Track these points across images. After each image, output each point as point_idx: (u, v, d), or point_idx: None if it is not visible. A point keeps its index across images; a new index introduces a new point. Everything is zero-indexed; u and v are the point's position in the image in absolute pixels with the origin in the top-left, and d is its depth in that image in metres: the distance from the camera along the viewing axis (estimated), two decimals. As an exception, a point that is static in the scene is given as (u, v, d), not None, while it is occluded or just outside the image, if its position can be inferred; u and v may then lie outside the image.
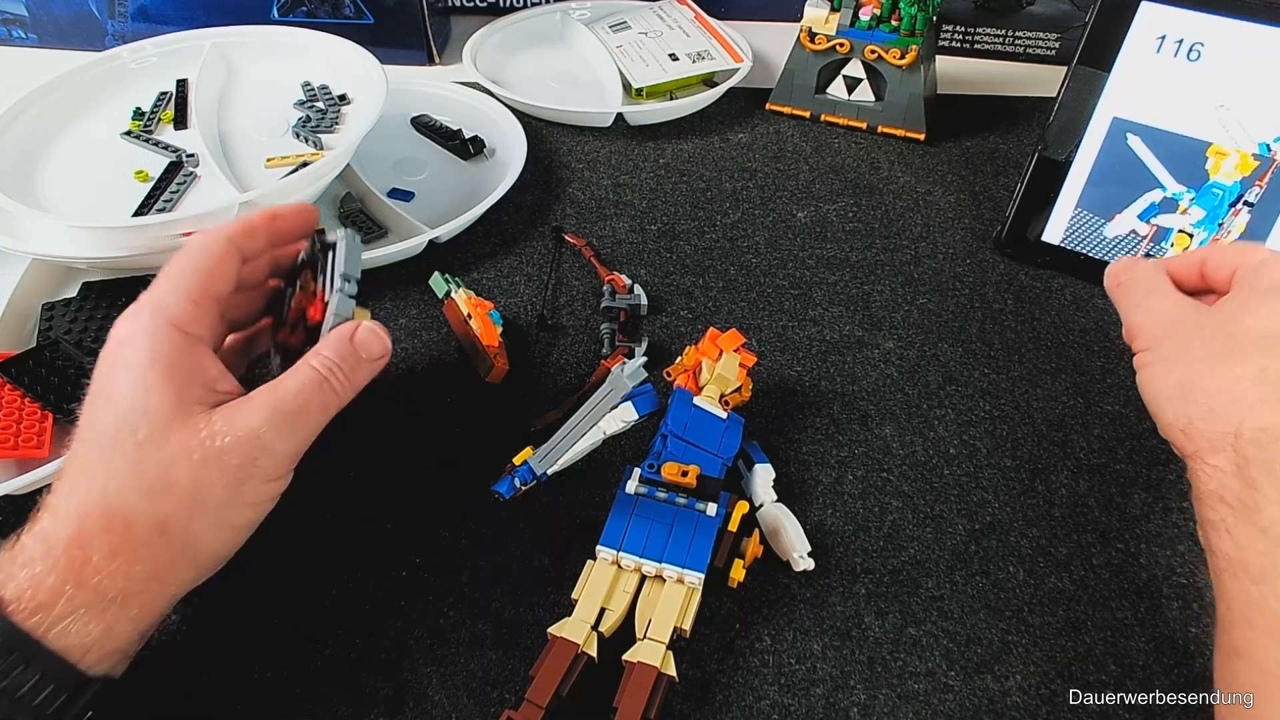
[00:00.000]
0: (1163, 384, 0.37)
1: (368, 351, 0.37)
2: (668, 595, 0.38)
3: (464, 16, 0.88)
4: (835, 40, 0.71)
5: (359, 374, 0.37)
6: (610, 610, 0.38)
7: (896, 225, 0.64)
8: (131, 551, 0.32)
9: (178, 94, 0.63)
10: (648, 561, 0.39)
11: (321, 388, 0.36)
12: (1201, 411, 0.35)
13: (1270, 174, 0.52)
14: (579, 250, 0.60)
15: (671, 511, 0.40)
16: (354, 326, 0.37)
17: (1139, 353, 0.39)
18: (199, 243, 0.38)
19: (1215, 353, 0.35)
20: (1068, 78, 0.57)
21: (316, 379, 0.36)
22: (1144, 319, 0.39)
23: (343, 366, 0.36)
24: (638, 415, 0.42)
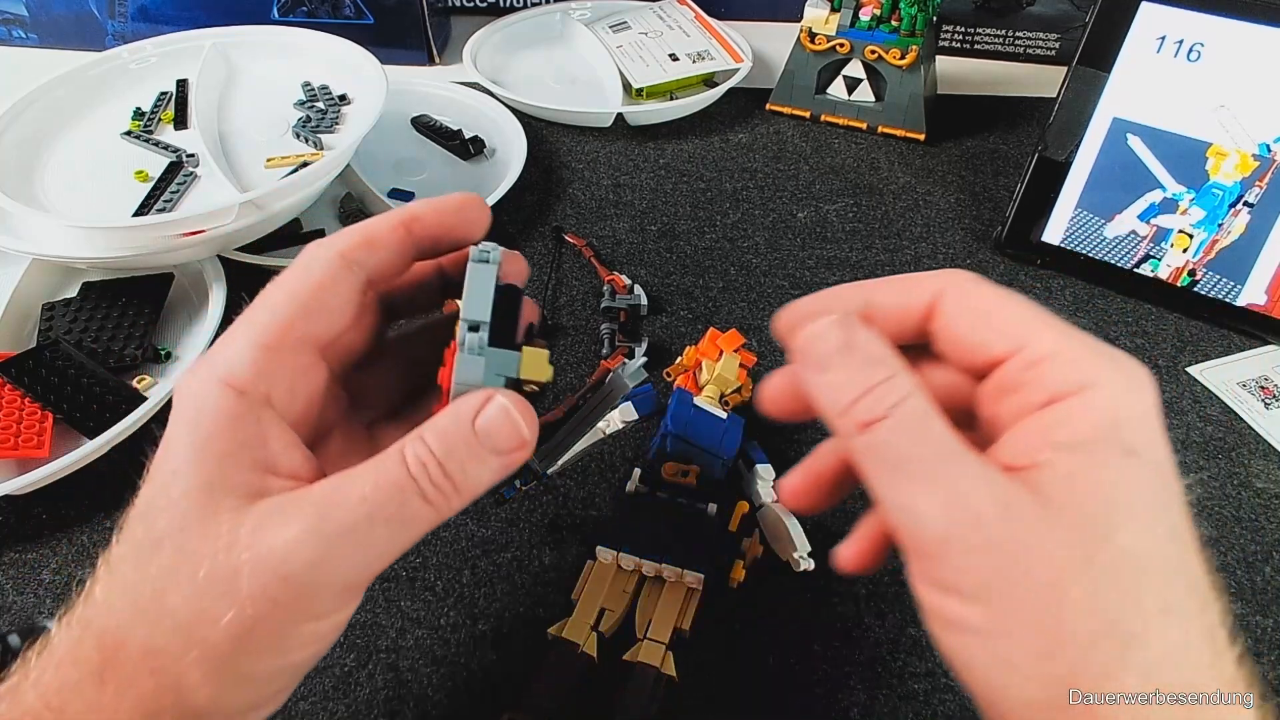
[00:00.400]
0: (1016, 650, 0.22)
1: (492, 442, 0.25)
2: (667, 595, 0.38)
3: (464, 16, 0.88)
4: (835, 40, 0.71)
5: (473, 474, 0.25)
6: (610, 610, 0.38)
7: (896, 225, 0.64)
8: (121, 681, 0.24)
9: (178, 94, 0.63)
10: (647, 561, 0.39)
11: (403, 494, 0.24)
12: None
13: (1270, 174, 0.52)
14: (579, 250, 0.60)
15: (672, 511, 0.40)
16: (479, 403, 0.25)
17: (944, 592, 0.23)
18: (299, 262, 0.27)
19: (1102, 614, 0.21)
20: (1068, 78, 0.57)
21: (397, 481, 0.24)
22: (951, 527, 0.22)
23: (447, 464, 0.25)
24: (637, 415, 0.42)
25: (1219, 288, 0.55)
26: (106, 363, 0.49)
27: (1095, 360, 0.23)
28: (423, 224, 0.29)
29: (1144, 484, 0.22)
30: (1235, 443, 0.49)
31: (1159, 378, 0.52)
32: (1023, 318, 0.25)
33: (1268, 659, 0.39)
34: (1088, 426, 0.22)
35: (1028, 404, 0.23)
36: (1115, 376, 0.23)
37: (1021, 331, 0.24)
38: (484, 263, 0.28)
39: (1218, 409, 0.51)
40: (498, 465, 0.25)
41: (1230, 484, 0.47)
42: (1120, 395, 0.23)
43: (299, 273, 0.27)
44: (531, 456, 0.27)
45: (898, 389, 0.24)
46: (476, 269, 0.28)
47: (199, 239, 0.51)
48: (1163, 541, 0.22)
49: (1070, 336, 0.24)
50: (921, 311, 0.26)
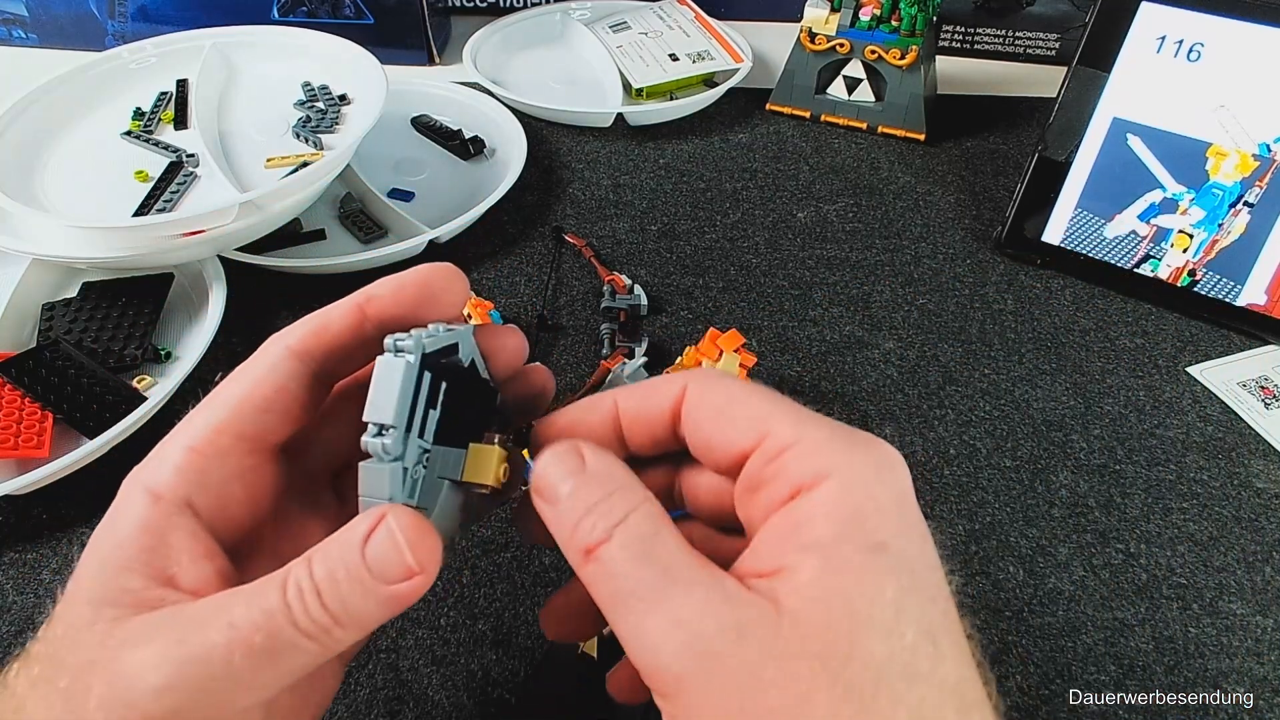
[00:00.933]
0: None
1: (379, 572, 0.22)
2: None
3: (464, 16, 0.88)
4: (835, 40, 0.71)
5: (355, 608, 0.22)
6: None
7: (896, 225, 0.64)
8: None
9: (178, 94, 0.63)
10: None
11: (273, 623, 0.21)
12: None
13: (1270, 174, 0.52)
14: (579, 250, 0.60)
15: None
16: (371, 523, 0.22)
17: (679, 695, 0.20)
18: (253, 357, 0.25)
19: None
20: (1068, 78, 0.57)
21: (267, 609, 0.21)
22: (681, 660, 0.20)
23: (325, 594, 0.21)
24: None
25: (1219, 288, 0.55)
26: (106, 363, 0.49)
27: (834, 446, 0.22)
28: (379, 304, 0.25)
29: (890, 583, 0.20)
30: (1235, 443, 0.49)
31: (1159, 378, 0.53)
32: (761, 409, 0.24)
33: (1268, 659, 0.39)
34: (829, 523, 0.21)
35: (773, 500, 0.22)
36: (857, 462, 0.22)
37: (761, 423, 0.23)
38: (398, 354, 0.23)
39: (1218, 409, 0.51)
40: (386, 597, 0.22)
41: (1230, 484, 0.47)
42: (863, 483, 0.22)
43: (247, 369, 0.25)
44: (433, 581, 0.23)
45: (618, 506, 0.22)
46: (386, 363, 0.23)
47: (199, 239, 0.51)
48: (914, 646, 0.20)
49: (809, 423, 0.23)
50: (668, 414, 0.25)
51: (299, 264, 0.56)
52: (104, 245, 0.51)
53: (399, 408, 0.23)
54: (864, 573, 0.21)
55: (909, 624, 0.20)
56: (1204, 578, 0.43)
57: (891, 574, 0.21)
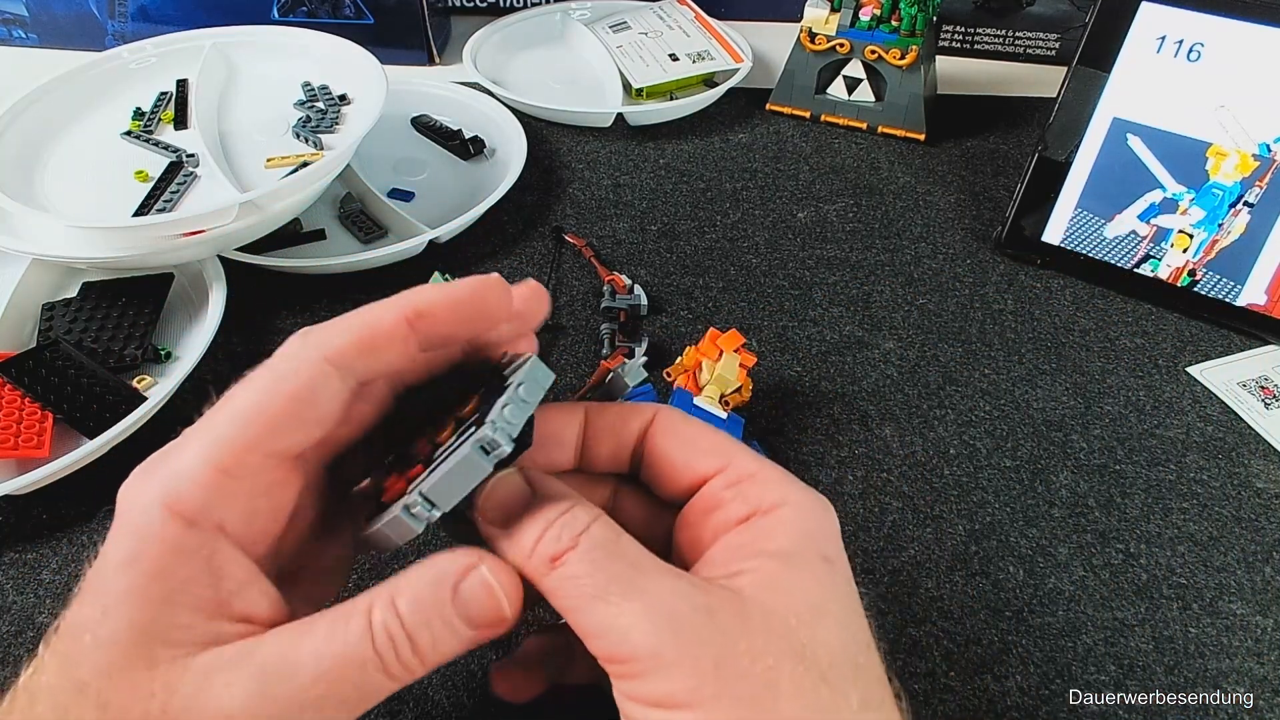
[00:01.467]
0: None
1: (469, 615, 0.22)
2: None
3: (464, 16, 0.88)
4: (835, 40, 0.71)
5: (443, 648, 0.22)
6: None
7: (896, 225, 0.64)
8: None
9: (178, 94, 0.63)
10: None
11: (364, 670, 0.21)
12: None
13: (1270, 174, 0.52)
14: (579, 250, 0.60)
15: None
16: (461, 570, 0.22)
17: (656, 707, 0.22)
18: (277, 360, 0.24)
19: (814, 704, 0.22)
20: (1068, 78, 0.57)
21: (359, 656, 0.21)
22: (655, 637, 0.22)
23: (417, 637, 0.22)
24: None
25: (1219, 288, 0.55)
26: (106, 363, 0.49)
27: (788, 482, 0.26)
28: (432, 321, 0.24)
29: (839, 589, 0.24)
30: (1235, 443, 0.49)
31: (1159, 378, 0.53)
32: (724, 443, 0.27)
33: (1268, 659, 0.39)
34: (790, 537, 0.25)
35: (729, 519, 0.25)
36: (806, 497, 0.26)
37: (724, 453, 0.27)
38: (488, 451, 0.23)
39: (1218, 409, 0.51)
40: (470, 639, 0.23)
41: (1230, 484, 0.47)
42: (812, 512, 0.26)
43: (274, 376, 0.23)
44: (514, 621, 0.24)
45: (579, 518, 0.24)
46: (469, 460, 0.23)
47: (199, 239, 0.51)
48: (858, 641, 0.24)
49: (765, 462, 0.27)
50: (635, 436, 0.28)
51: (299, 264, 0.56)
52: (104, 245, 0.51)
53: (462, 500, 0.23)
54: (820, 575, 0.24)
55: (853, 623, 0.24)
56: (1204, 578, 0.43)
57: (840, 583, 0.25)
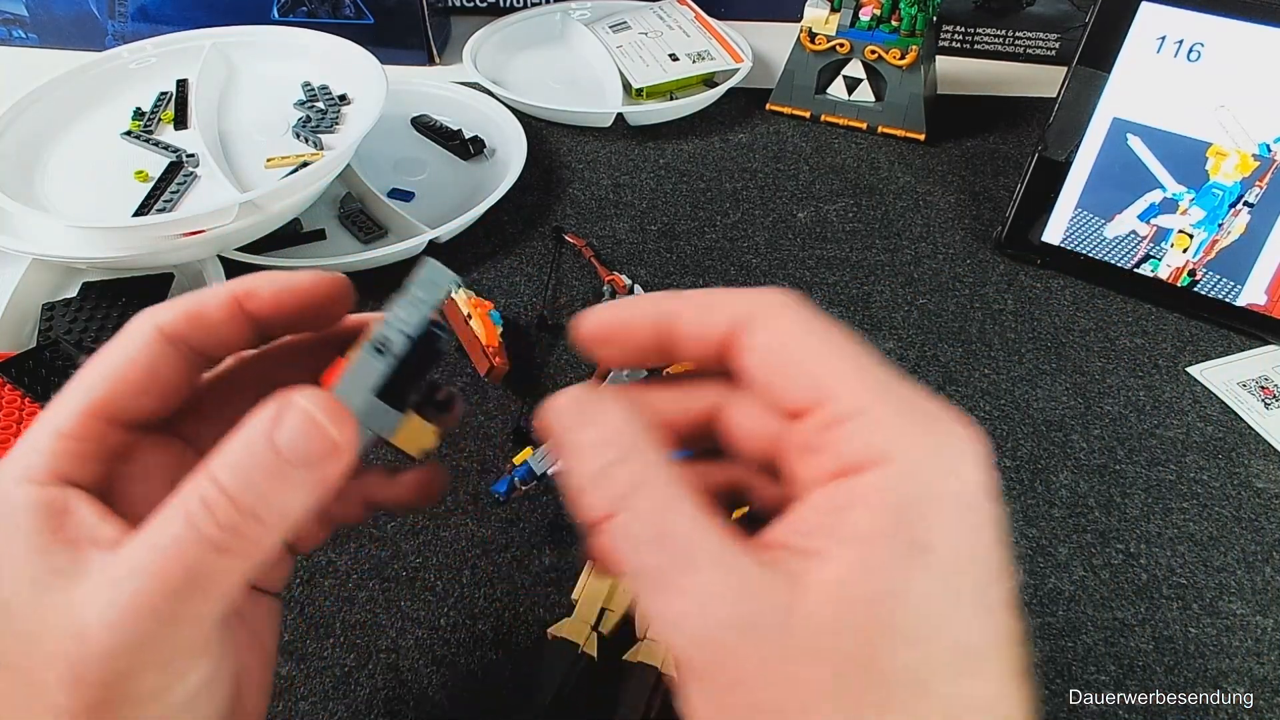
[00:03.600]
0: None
1: (300, 455, 0.21)
2: None
3: (464, 16, 0.88)
4: (835, 40, 0.71)
5: (280, 502, 0.21)
6: (611, 611, 0.38)
7: (896, 225, 0.64)
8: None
9: (178, 94, 0.63)
10: None
11: (197, 552, 0.20)
12: None
13: (1270, 174, 0.52)
14: (579, 250, 0.60)
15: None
16: (273, 416, 0.22)
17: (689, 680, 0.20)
18: (118, 336, 0.24)
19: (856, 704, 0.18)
20: (1068, 78, 0.57)
21: (185, 539, 0.20)
22: (696, 650, 0.19)
23: (242, 498, 0.21)
24: None
25: (1219, 288, 0.55)
26: (106, 363, 0.49)
27: (900, 424, 0.20)
28: (259, 301, 0.25)
29: (927, 590, 0.18)
30: (1235, 443, 0.49)
31: (1159, 378, 0.53)
32: (827, 366, 0.21)
33: (1268, 659, 0.39)
34: (871, 515, 0.19)
35: (822, 470, 0.20)
36: (919, 447, 0.19)
37: (825, 381, 0.20)
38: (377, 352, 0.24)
39: (1218, 409, 0.51)
40: (312, 481, 0.21)
41: (1230, 484, 0.47)
42: (921, 472, 0.19)
43: (114, 349, 0.24)
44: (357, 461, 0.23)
45: (626, 476, 0.20)
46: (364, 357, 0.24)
47: (199, 239, 0.51)
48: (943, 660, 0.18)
49: (878, 391, 0.20)
50: (719, 338, 0.22)
51: (299, 264, 0.56)
52: (104, 245, 0.51)
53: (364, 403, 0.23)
54: (898, 575, 0.18)
55: (941, 636, 0.18)
56: (1204, 578, 0.43)
57: (931, 580, 0.18)
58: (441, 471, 0.29)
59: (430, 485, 0.29)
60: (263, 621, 0.27)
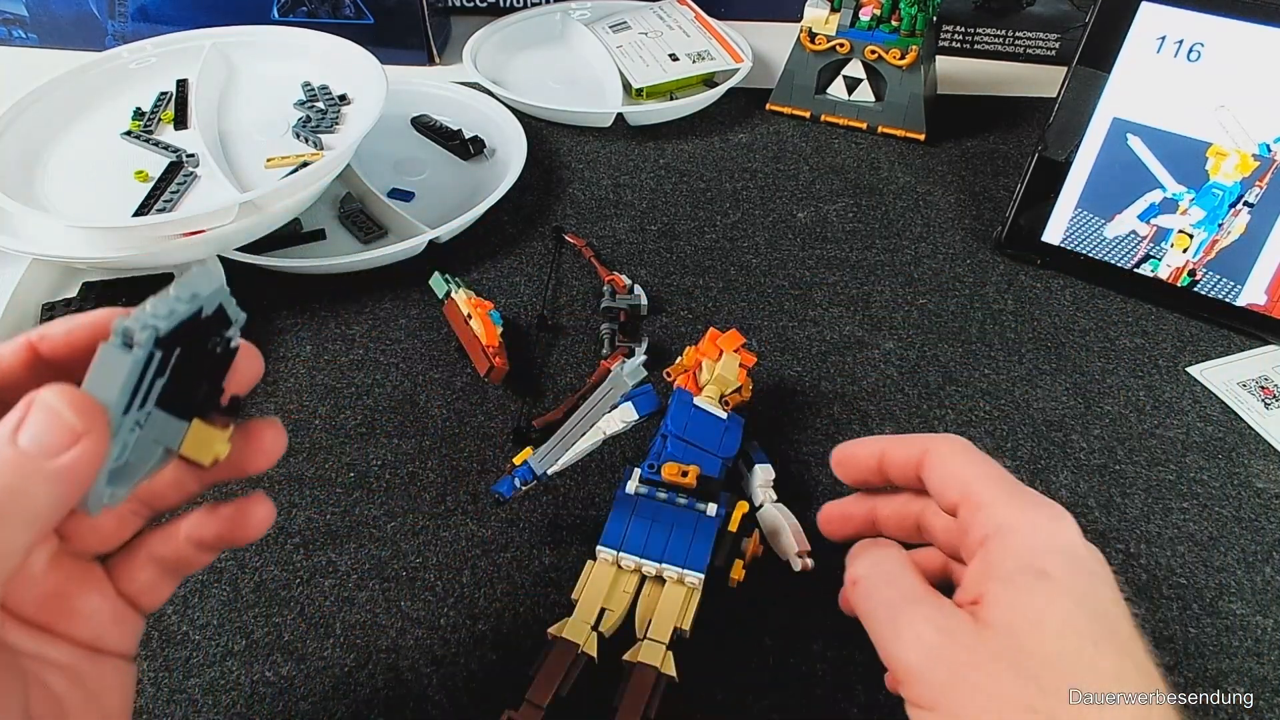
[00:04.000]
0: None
1: (43, 447, 0.22)
2: (667, 595, 0.38)
3: (464, 16, 0.88)
4: (835, 40, 0.71)
5: (34, 499, 0.22)
6: (610, 610, 0.38)
7: (896, 225, 0.64)
8: None
9: (178, 94, 0.63)
10: (648, 561, 0.39)
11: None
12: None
13: (1270, 174, 0.52)
14: (579, 250, 0.60)
15: (671, 512, 0.40)
16: (19, 413, 0.22)
17: (914, 706, 0.28)
18: None
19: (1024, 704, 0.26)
20: (1068, 78, 0.57)
21: None
22: (910, 654, 0.28)
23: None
24: (638, 415, 0.42)
25: (1219, 288, 0.55)
26: (106, 363, 0.49)
27: (1014, 505, 0.29)
28: (51, 343, 0.25)
29: (1057, 601, 0.27)
30: (1235, 443, 0.49)
31: (1159, 378, 0.53)
32: (968, 474, 0.31)
33: (1268, 659, 0.39)
34: (1009, 559, 0.28)
35: (973, 543, 0.29)
36: (1027, 517, 0.29)
37: (967, 485, 0.30)
38: (127, 345, 0.22)
39: (1218, 409, 0.51)
40: (58, 473, 0.22)
41: (1230, 484, 0.47)
42: (1034, 532, 0.29)
43: None
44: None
45: (875, 555, 0.31)
46: (108, 354, 0.22)
47: (199, 239, 0.51)
48: (1076, 646, 0.26)
49: (1002, 487, 0.30)
50: (915, 463, 0.32)
51: (299, 264, 0.56)
52: (104, 245, 0.51)
53: (117, 400, 0.22)
54: (1034, 593, 0.27)
55: (1070, 630, 0.26)
56: (1204, 578, 0.43)
57: (1055, 594, 0.27)
58: (261, 499, 0.29)
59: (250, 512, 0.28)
60: (105, 684, 0.27)
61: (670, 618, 0.37)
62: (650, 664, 0.36)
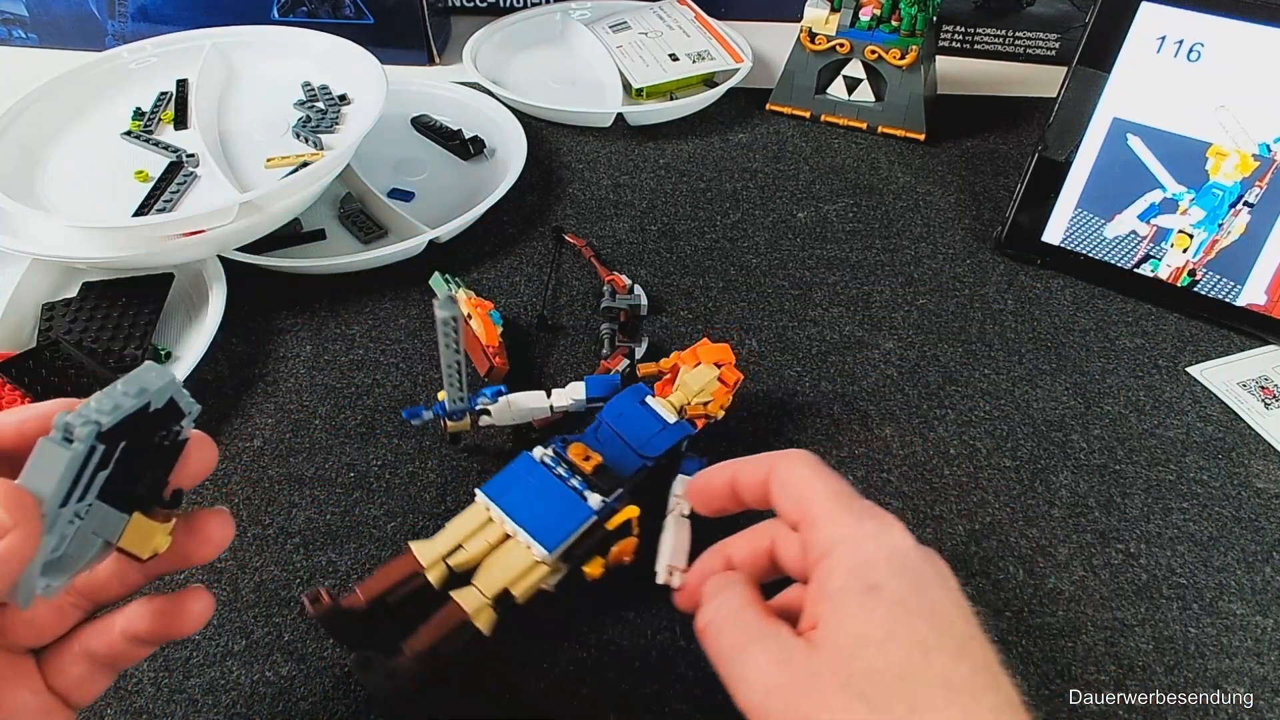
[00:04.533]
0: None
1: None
2: (510, 555, 0.38)
3: (464, 16, 0.88)
4: (835, 40, 0.71)
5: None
6: (464, 550, 0.38)
7: (896, 225, 0.64)
8: None
9: (178, 94, 0.63)
10: (508, 521, 0.38)
11: None
12: None
13: (1270, 174, 0.52)
14: (579, 250, 0.60)
15: (559, 488, 0.40)
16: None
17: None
18: None
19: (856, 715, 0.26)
20: (1068, 78, 0.57)
21: None
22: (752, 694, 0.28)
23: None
24: (586, 395, 0.43)
25: (1219, 288, 0.55)
26: (106, 363, 0.49)
27: (845, 519, 0.30)
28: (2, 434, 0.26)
29: (884, 611, 0.27)
30: (1235, 443, 0.49)
31: (1159, 378, 0.53)
32: (809, 491, 0.31)
33: (1268, 659, 0.39)
34: (839, 577, 0.29)
35: (812, 564, 0.30)
36: (854, 533, 0.29)
37: (807, 503, 0.31)
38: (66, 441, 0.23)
39: (1218, 409, 0.51)
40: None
41: (1230, 484, 0.47)
42: (861, 545, 0.29)
43: None
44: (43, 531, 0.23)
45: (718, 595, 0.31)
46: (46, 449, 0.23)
47: (199, 239, 0.51)
48: (904, 656, 0.26)
49: (837, 502, 0.30)
50: (761, 483, 0.33)
51: (299, 264, 0.56)
52: (104, 245, 0.51)
53: (53, 494, 0.23)
54: (861, 608, 0.28)
55: (898, 640, 0.27)
56: (1204, 578, 0.43)
57: (882, 607, 0.27)
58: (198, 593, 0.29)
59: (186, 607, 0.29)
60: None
61: (503, 577, 0.37)
62: (463, 606, 0.36)
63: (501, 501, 0.39)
